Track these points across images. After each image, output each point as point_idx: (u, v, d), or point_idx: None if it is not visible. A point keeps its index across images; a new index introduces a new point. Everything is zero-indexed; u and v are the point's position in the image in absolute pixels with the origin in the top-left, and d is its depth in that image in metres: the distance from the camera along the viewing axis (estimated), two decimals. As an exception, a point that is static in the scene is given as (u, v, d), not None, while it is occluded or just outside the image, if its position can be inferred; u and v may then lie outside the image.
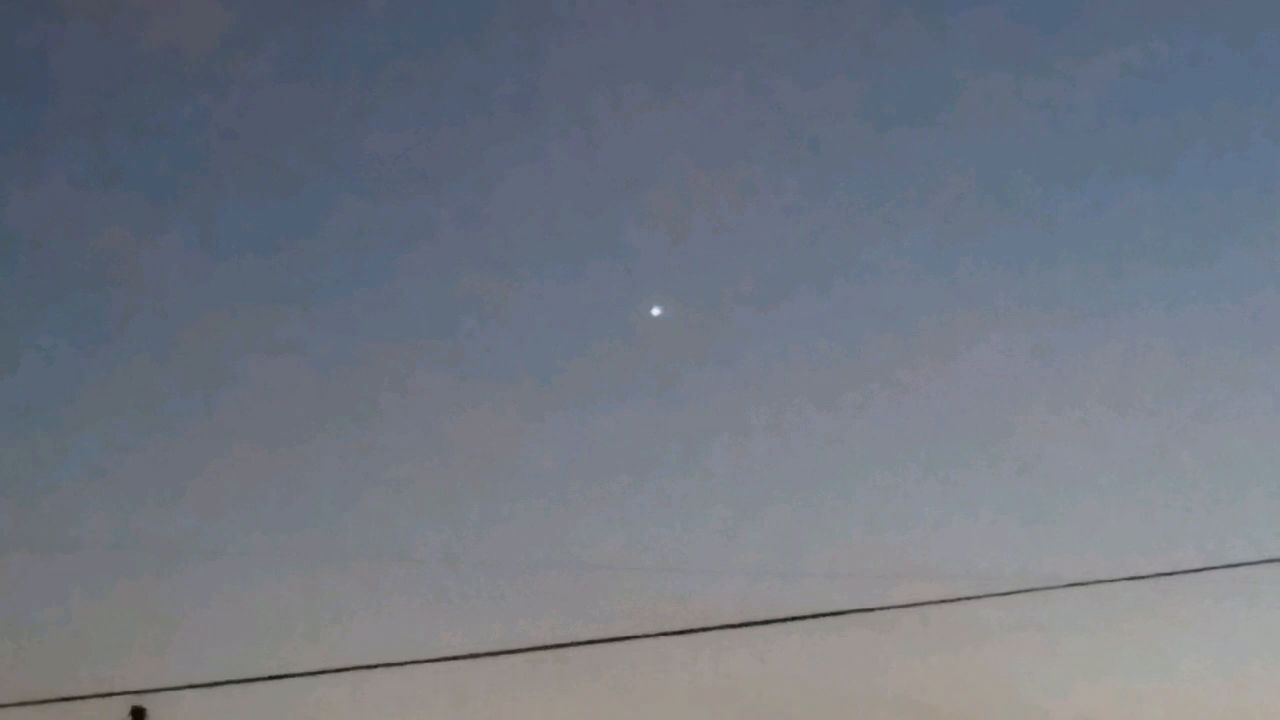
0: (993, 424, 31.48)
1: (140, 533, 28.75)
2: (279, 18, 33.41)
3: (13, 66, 32.78)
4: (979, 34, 33.23)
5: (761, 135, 33.69)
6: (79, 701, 18.87)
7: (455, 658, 18.52)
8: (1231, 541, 27.44)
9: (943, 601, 18.27)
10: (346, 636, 27.67)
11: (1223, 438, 31.00)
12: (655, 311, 31.69)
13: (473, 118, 33.95)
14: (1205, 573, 18.21)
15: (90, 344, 32.81)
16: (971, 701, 26.90)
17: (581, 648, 18.34)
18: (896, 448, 31.49)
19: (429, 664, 18.71)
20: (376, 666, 18.52)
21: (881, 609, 18.31)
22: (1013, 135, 33.55)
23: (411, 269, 33.60)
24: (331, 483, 31.07)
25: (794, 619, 18.00)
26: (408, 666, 18.63)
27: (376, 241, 33.92)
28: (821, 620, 18.09)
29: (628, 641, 18.30)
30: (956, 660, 26.99)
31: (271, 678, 18.80)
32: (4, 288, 32.69)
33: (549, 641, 18.44)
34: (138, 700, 19.95)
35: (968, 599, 18.32)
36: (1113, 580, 18.32)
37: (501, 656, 18.32)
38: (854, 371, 32.32)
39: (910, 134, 33.33)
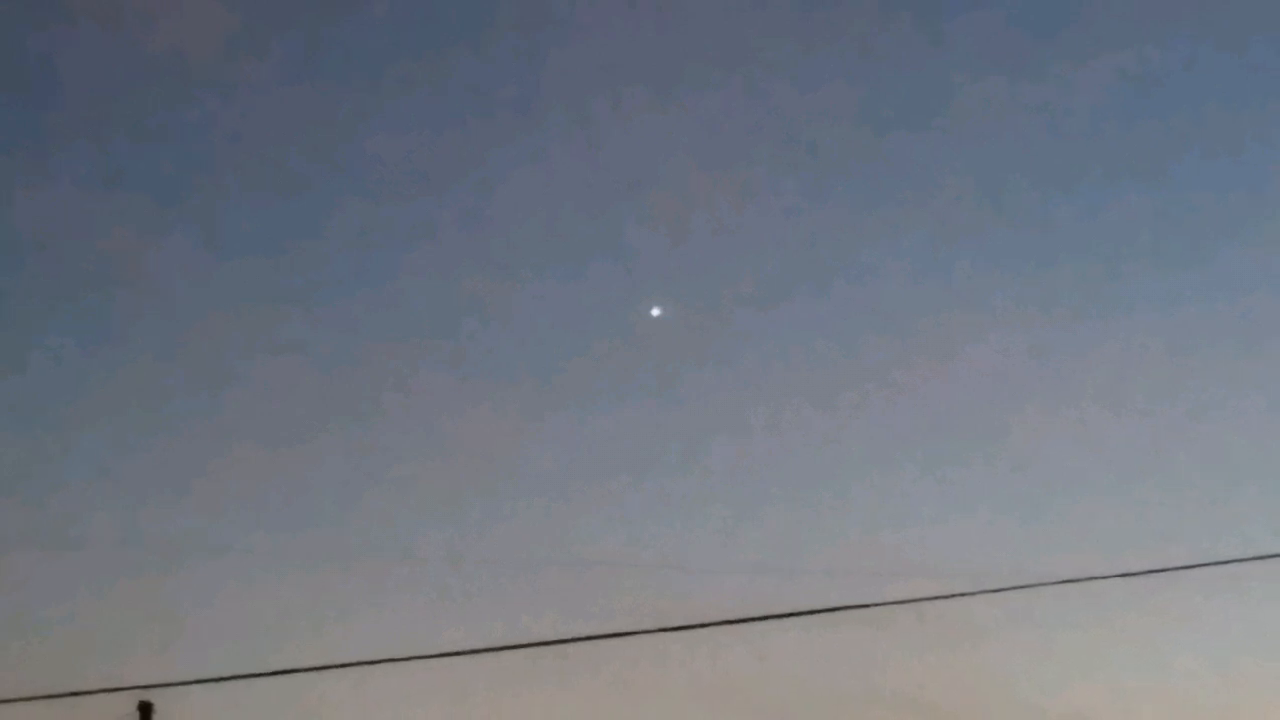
0: (989, 424, 31.64)
1: (146, 531, 28.91)
2: (282, 21, 33.59)
3: (19, 69, 32.97)
4: (975, 39, 33.41)
5: (761, 138, 33.87)
6: (87, 696, 18.96)
7: (457, 653, 18.48)
8: (1224, 539, 27.60)
9: (939, 598, 18.23)
10: (350, 633, 27.84)
11: (1216, 437, 31.20)
12: (655, 312, 31.81)
13: (474, 120, 34.13)
14: (1198, 570, 18.13)
15: (96, 344, 32.99)
16: (967, 697, 27.02)
17: (582, 644, 18.29)
18: (894, 447, 31.67)
19: (431, 660, 18.67)
20: (380, 662, 18.53)
21: (878, 606, 18.24)
22: (1009, 139, 33.73)
23: (414, 270, 33.77)
24: (335, 481, 31.23)
25: (792, 615, 17.97)
26: (410, 662, 18.63)
27: (379, 242, 34.09)
28: (819, 617, 18.07)
29: (627, 638, 18.26)
30: (952, 656, 27.10)
31: (276, 673, 18.82)
32: (10, 288, 32.88)
33: (549, 638, 18.47)
34: (145, 695, 20.14)
35: (963, 596, 18.27)
36: (1106, 577, 18.25)
37: (503, 652, 18.29)
38: (852, 372, 32.50)
39: (908, 137, 33.52)
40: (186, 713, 20.22)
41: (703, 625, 18.37)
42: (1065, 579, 18.14)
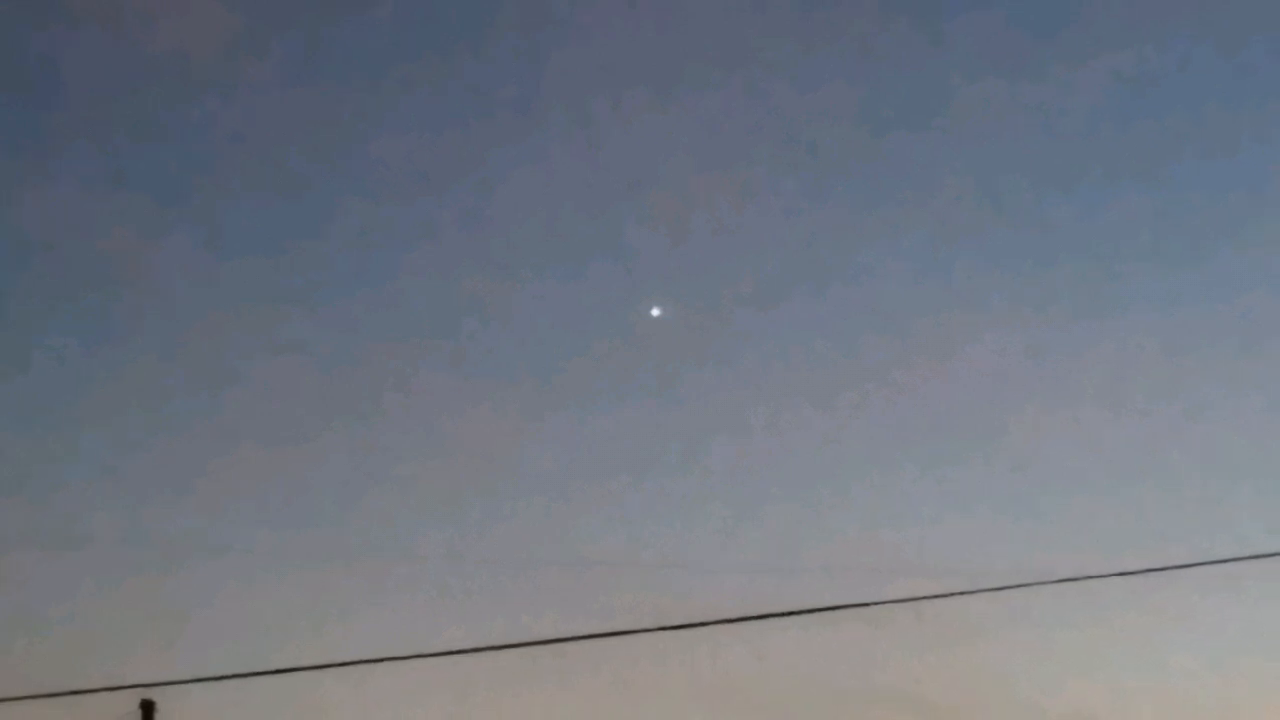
0: (987, 423, 31.70)
1: (148, 530, 28.99)
2: (284, 22, 33.67)
3: (22, 70, 33.06)
4: (974, 40, 33.47)
5: (760, 138, 33.91)
6: (89, 695, 18.96)
7: (457, 652, 18.45)
8: (1220, 538, 27.66)
9: (937, 597, 18.20)
10: (351, 631, 27.92)
11: (1213, 436, 31.25)
12: (655, 312, 31.85)
13: (475, 120, 34.19)
14: (1195, 569, 18.06)
15: (97, 343, 33.06)
16: (965, 695, 27.09)
17: (581, 643, 18.25)
18: (893, 447, 31.73)
19: (432, 658, 18.65)
20: (380, 661, 18.52)
21: (877, 604, 18.22)
22: (1007, 139, 33.78)
23: (414, 270, 33.83)
24: (336, 481, 31.31)
25: (791, 614, 17.97)
26: (411, 661, 18.62)
27: (380, 242, 34.16)
28: (818, 615, 18.04)
29: (627, 636, 18.22)
30: (950, 655, 27.16)
31: (277, 671, 18.78)
32: (14, 288, 32.97)
33: (550, 637, 18.46)
34: (147, 693, 20.15)
35: (961, 594, 18.27)
36: (1104, 576, 18.20)
37: (503, 651, 18.28)
38: (851, 371, 32.56)
39: (907, 138, 33.57)
40: (188, 711, 20.28)
41: (702, 624, 18.35)
42: (1063, 578, 18.08)
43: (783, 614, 17.96)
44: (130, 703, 20.11)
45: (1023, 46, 33.30)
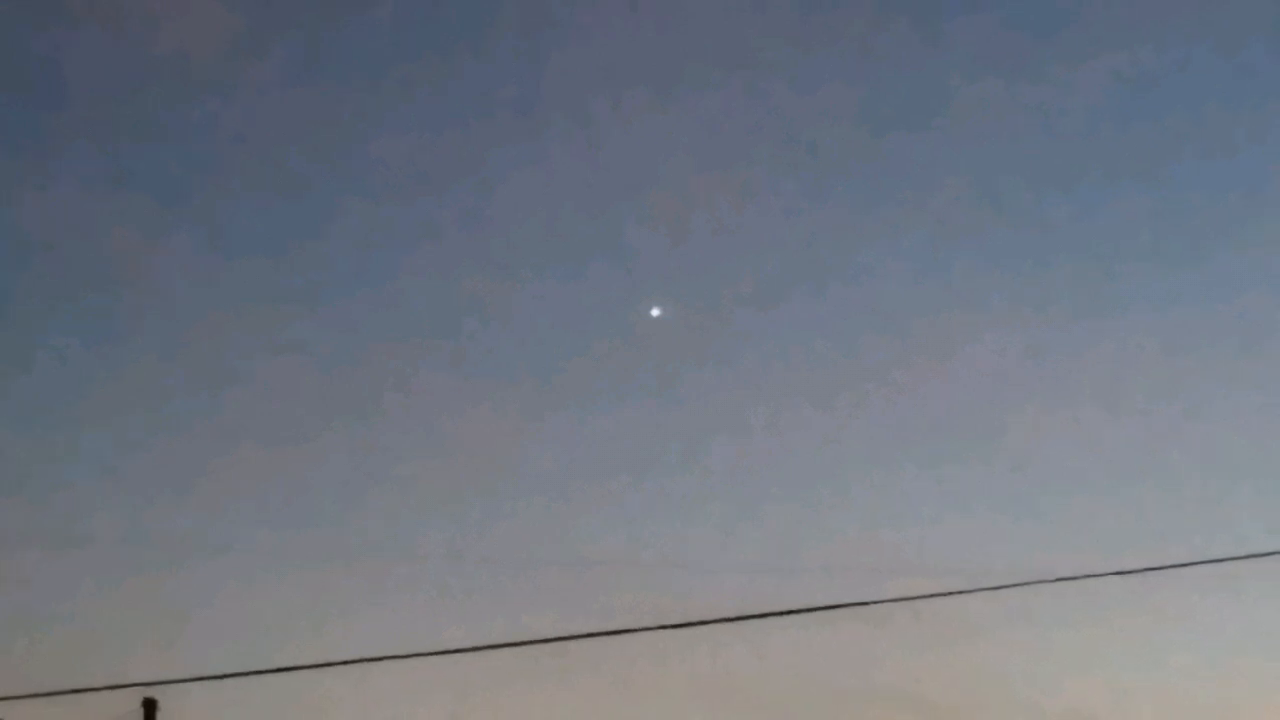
0: (986, 423, 31.73)
1: (150, 529, 29.04)
2: (285, 23, 33.73)
3: (23, 71, 33.10)
4: (973, 40, 33.49)
5: (760, 139, 33.95)
6: (91, 694, 18.96)
7: (458, 651, 18.45)
8: (1219, 537, 27.63)
9: (935, 596, 18.24)
10: (351, 630, 27.95)
11: (1212, 436, 31.26)
12: (655, 312, 31.88)
13: (476, 121, 34.22)
14: (1194, 568, 18.06)
15: (99, 343, 33.10)
16: (964, 694, 27.15)
17: (582, 641, 18.23)
18: (892, 446, 31.77)
19: (432, 657, 18.63)
20: (381, 659, 18.51)
21: (875, 603, 18.24)
22: (1006, 139, 33.80)
23: (415, 270, 33.88)
24: (336, 480, 31.36)
25: (790, 613, 17.99)
26: (411, 660, 18.58)
27: (381, 243, 34.21)
28: (817, 614, 18.02)
29: (627, 635, 18.20)
30: (949, 654, 27.21)
31: (278, 670, 18.75)
32: (16, 288, 33.02)
33: (550, 635, 18.48)
34: (149, 692, 20.17)
35: (960, 594, 18.28)
36: (1102, 575, 18.21)
37: (503, 650, 18.28)
38: (851, 371, 32.61)
39: (906, 138, 33.58)
40: (190, 710, 20.30)
41: (702, 623, 18.34)
42: (1062, 577, 18.04)
43: (782, 613, 17.95)
44: (132, 701, 20.12)
45: (1022, 47, 33.38)
